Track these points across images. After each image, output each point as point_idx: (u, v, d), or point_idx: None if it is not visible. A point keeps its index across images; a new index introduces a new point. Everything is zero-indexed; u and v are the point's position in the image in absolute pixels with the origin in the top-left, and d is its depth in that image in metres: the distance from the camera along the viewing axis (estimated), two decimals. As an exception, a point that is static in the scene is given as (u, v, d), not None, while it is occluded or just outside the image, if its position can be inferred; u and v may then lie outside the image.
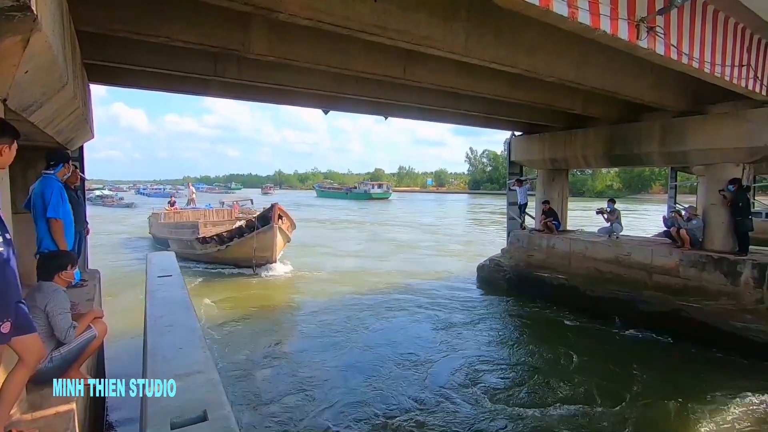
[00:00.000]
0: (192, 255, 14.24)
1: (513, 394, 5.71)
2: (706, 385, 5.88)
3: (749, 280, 7.07)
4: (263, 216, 12.69)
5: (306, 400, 5.45)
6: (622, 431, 4.80)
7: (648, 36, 4.29)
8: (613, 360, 6.83)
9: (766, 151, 7.21)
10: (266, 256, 12.65)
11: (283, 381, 6.03)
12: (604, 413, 5.17)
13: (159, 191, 74.50)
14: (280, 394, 5.63)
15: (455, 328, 8.28)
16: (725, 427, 4.88)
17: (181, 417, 2.30)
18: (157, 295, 4.93)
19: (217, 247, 13.21)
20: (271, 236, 12.51)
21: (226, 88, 6.83)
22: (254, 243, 12.34)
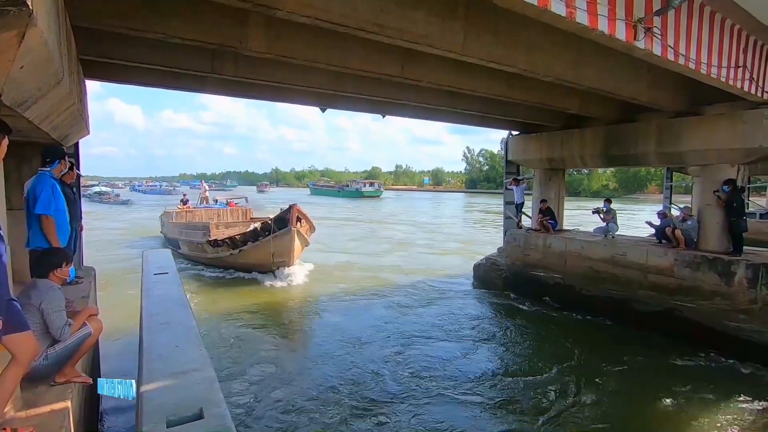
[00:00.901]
0: (203, 258, 13.45)
1: (504, 389, 5.77)
2: (698, 384, 5.92)
3: (743, 281, 7.12)
4: (280, 218, 11.53)
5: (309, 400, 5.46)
6: (613, 429, 4.83)
7: (645, 37, 4.30)
8: (604, 358, 6.86)
9: (761, 152, 7.26)
10: (283, 261, 11.68)
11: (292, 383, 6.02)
12: (595, 410, 5.20)
13: (155, 188, 74.28)
14: (283, 391, 5.63)
15: (451, 326, 8.29)
16: (714, 427, 4.92)
17: (177, 415, 2.30)
18: (153, 292, 4.92)
19: (229, 251, 12.20)
20: (289, 240, 11.39)
21: (223, 85, 6.81)
22: (271, 248, 11.45)
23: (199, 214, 17.91)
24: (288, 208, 11.39)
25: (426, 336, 7.81)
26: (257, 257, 11.70)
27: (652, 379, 6.09)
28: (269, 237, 11.34)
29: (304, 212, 11.86)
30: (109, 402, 5.07)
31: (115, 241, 18.72)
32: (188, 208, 19.23)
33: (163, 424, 2.23)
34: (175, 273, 5.97)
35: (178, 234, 15.19)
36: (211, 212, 18.23)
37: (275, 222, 11.51)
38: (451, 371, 6.33)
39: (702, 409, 5.27)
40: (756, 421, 5.07)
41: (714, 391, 5.70)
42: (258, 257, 11.69)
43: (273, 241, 11.37)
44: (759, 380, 6.07)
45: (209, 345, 5.30)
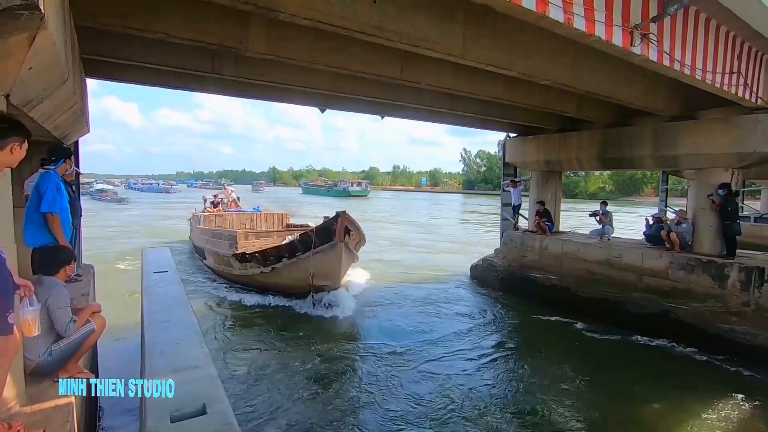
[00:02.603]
0: (229, 275, 11.04)
1: (495, 388, 5.85)
2: (690, 386, 6.00)
3: (736, 283, 7.22)
4: (324, 229, 8.88)
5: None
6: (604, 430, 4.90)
7: (642, 43, 4.38)
8: (598, 359, 6.95)
9: (754, 157, 7.36)
10: (327, 284, 9.06)
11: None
12: (586, 411, 5.26)
13: (151, 186, 74.00)
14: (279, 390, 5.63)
15: (445, 325, 8.35)
16: (705, 427, 5.00)
17: (180, 410, 2.35)
18: (154, 291, 4.96)
19: (259, 268, 9.70)
20: (335, 258, 8.75)
21: (223, 84, 6.84)
22: (311, 267, 8.81)
23: (230, 219, 15.75)
24: (334, 217, 8.69)
25: (414, 333, 7.93)
26: (293, 278, 9.24)
27: (645, 380, 6.16)
28: (309, 253, 8.79)
29: (355, 221, 9.15)
30: (107, 398, 5.09)
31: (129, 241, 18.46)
32: (219, 211, 16.85)
33: (166, 419, 2.27)
34: (175, 271, 6.00)
35: (205, 242, 12.80)
36: (243, 217, 15.99)
37: (317, 234, 8.87)
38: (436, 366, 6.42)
39: (693, 409, 5.34)
40: (746, 420, 5.15)
41: (706, 391, 5.79)
42: (294, 278, 9.22)
43: (313, 258, 8.77)
44: (751, 381, 6.15)
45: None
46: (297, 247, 9.14)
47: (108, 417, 4.90)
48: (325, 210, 33.05)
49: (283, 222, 15.98)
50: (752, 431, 4.96)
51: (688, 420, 5.15)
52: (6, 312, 1.71)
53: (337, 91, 6.83)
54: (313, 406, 5.32)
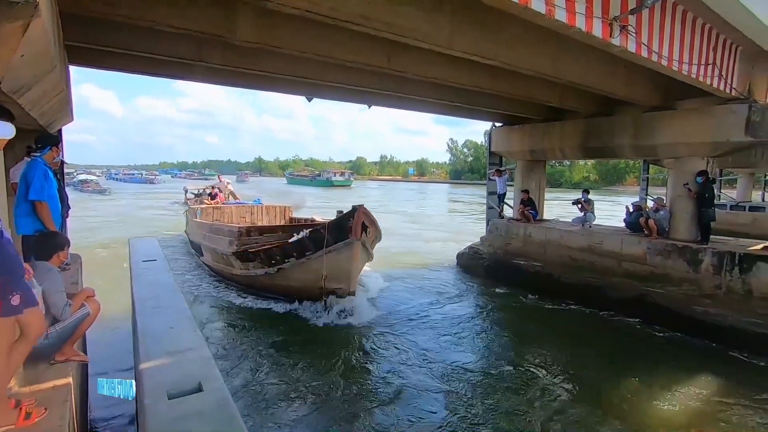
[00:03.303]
0: (229, 274, 9.98)
1: (479, 369, 6.07)
2: (664, 366, 6.30)
3: (709, 268, 7.54)
4: (338, 225, 7.81)
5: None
6: (584, 407, 5.14)
7: (621, 34, 4.52)
8: (579, 341, 7.21)
9: (728, 146, 7.65)
10: (340, 287, 7.97)
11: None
12: (565, 389, 5.51)
13: (134, 177, 72.54)
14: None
15: (433, 312, 8.54)
16: (678, 405, 5.29)
17: (177, 389, 2.44)
18: (143, 278, 5.01)
19: (264, 268, 8.68)
20: (351, 258, 7.74)
21: (210, 73, 6.80)
22: (323, 268, 7.79)
23: (229, 212, 14.65)
24: (350, 211, 7.69)
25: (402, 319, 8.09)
26: (302, 280, 8.25)
27: (623, 360, 6.45)
28: (320, 252, 7.77)
29: (372, 216, 8.14)
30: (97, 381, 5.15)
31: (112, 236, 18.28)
32: (216, 204, 15.67)
33: (164, 396, 2.36)
34: (164, 260, 6.03)
35: (201, 237, 11.59)
36: (243, 210, 14.91)
37: (330, 230, 7.78)
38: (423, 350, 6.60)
39: (666, 384, 5.63)
40: (715, 393, 5.48)
41: (679, 369, 6.10)
42: (303, 280, 8.23)
43: (326, 258, 7.76)
44: (722, 360, 6.49)
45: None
46: (307, 245, 7.98)
47: (101, 397, 4.95)
48: (309, 200, 32.57)
49: (285, 215, 14.90)
50: (719, 404, 5.25)
51: (661, 393, 5.45)
52: (12, 293, 1.77)
53: (325, 79, 6.86)
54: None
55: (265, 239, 9.44)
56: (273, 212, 15.06)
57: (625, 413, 5.03)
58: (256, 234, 9.70)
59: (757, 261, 6.99)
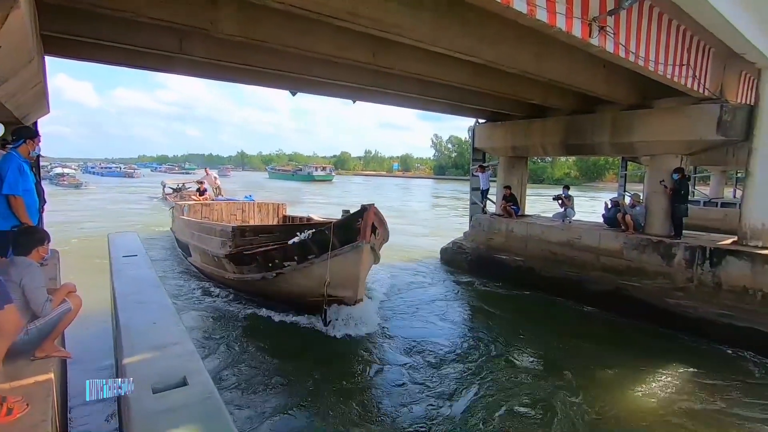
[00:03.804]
0: (220, 278, 9.10)
1: (461, 359, 6.21)
2: (638, 355, 6.54)
3: (682, 262, 7.82)
4: (345, 226, 7.00)
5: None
6: (560, 395, 5.31)
7: (599, 35, 4.64)
8: (558, 332, 7.41)
9: (700, 144, 7.92)
10: (347, 294, 7.15)
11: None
12: (546, 378, 5.68)
13: (111, 170, 70.55)
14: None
15: (416, 305, 8.64)
16: (651, 392, 5.51)
17: (161, 383, 2.46)
18: (124, 274, 4.96)
19: (261, 272, 7.88)
20: (358, 262, 6.92)
21: (191, 65, 6.69)
22: (326, 274, 6.86)
23: (218, 210, 13.70)
24: (359, 211, 6.90)
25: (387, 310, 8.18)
26: (303, 286, 7.43)
27: (600, 350, 6.67)
28: (325, 256, 6.92)
29: (382, 216, 7.39)
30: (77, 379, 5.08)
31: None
32: (204, 200, 14.79)
33: (148, 391, 2.37)
34: (145, 255, 5.97)
35: (190, 237, 10.67)
36: (234, 207, 13.94)
37: (335, 231, 6.90)
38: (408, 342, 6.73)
39: (641, 375, 5.86)
40: (686, 381, 5.74)
41: (653, 359, 6.34)
42: (304, 286, 7.42)
43: (331, 262, 6.86)
44: (692, 349, 6.77)
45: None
46: (309, 247, 7.16)
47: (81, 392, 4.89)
48: (291, 194, 31.96)
49: (279, 213, 14.02)
50: (689, 391, 5.50)
51: (635, 381, 5.68)
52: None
53: (309, 74, 6.83)
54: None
55: (261, 240, 8.69)
56: (266, 209, 14.16)
57: (601, 399, 5.22)
58: (252, 234, 8.87)
59: (726, 255, 7.29)
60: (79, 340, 5.92)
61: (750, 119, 7.49)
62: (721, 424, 4.80)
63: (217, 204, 13.91)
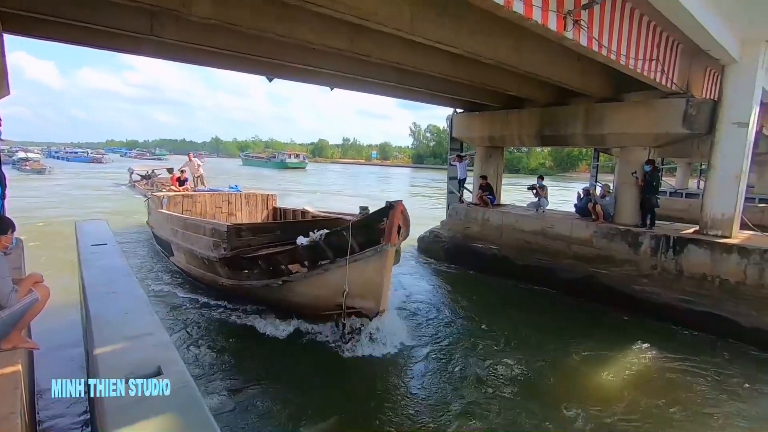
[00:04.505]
0: (212, 283, 7.97)
1: (434, 341, 6.43)
2: (606, 339, 6.85)
3: (647, 250, 8.17)
4: (366, 225, 5.95)
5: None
6: (530, 377, 5.53)
7: (574, 28, 4.73)
8: (531, 319, 7.66)
9: (667, 137, 8.23)
10: (366, 305, 6.06)
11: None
12: (519, 360, 5.90)
13: (77, 155, 67.42)
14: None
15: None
16: (618, 372, 5.81)
17: (135, 374, 2.43)
18: (93, 263, 4.83)
19: (263, 279, 6.88)
20: (382, 268, 5.89)
21: (162, 48, 6.45)
22: (345, 282, 5.94)
23: (201, 202, 12.09)
24: (383, 209, 5.86)
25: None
26: (314, 295, 6.45)
27: (570, 334, 6.94)
28: (342, 261, 5.95)
29: (407, 214, 6.39)
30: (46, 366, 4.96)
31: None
32: (185, 190, 13.20)
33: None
34: (115, 243, 5.82)
35: (172, 233, 9.40)
36: (219, 199, 12.38)
37: (355, 231, 5.89)
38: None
39: (609, 357, 6.16)
40: (649, 361, 6.10)
41: (620, 343, 6.66)
42: (316, 296, 6.43)
43: (349, 268, 5.92)
44: (656, 332, 7.13)
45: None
46: (323, 251, 6.15)
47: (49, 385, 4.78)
48: (265, 182, 31.29)
49: (268, 204, 12.75)
50: (653, 370, 5.83)
51: (603, 362, 5.98)
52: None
53: (286, 60, 6.70)
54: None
55: (259, 241, 7.59)
56: (254, 201, 12.80)
57: (572, 378, 5.49)
58: (249, 234, 7.54)
59: (688, 244, 7.65)
60: (47, 331, 5.75)
61: (713, 114, 7.82)
62: (682, 398, 5.14)
63: (200, 195, 12.42)
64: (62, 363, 5.24)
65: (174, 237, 9.24)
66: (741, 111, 7.43)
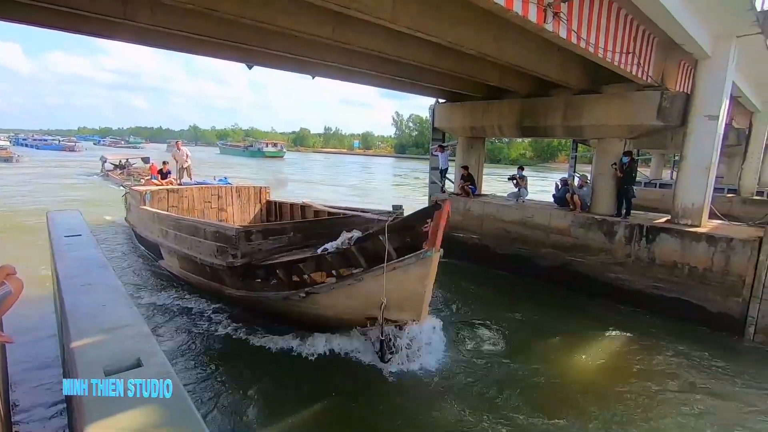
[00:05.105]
0: (217, 293, 7.19)
1: None
2: (582, 324, 7.10)
3: (622, 239, 8.42)
4: (406, 227, 5.29)
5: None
6: (515, 359, 5.70)
7: (553, 20, 4.79)
8: (512, 305, 7.86)
9: (642, 129, 8.45)
10: (407, 317, 5.41)
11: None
12: (500, 345, 6.07)
13: (47, 143, 64.62)
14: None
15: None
16: (592, 355, 6.03)
17: (114, 366, 2.40)
18: (67, 255, 4.71)
19: (282, 290, 6.10)
20: (424, 277, 5.19)
21: (137, 32, 6.23)
22: (382, 291, 5.21)
23: (189, 196, 10.97)
24: (428, 208, 5.17)
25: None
26: (344, 308, 5.73)
27: (547, 320, 7.15)
28: (378, 269, 5.24)
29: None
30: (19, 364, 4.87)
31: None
32: (169, 183, 12.13)
33: (100, 374, 2.31)
34: (89, 234, 5.67)
35: (161, 234, 8.48)
36: (208, 193, 11.30)
37: (391, 234, 5.14)
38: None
39: (584, 341, 6.40)
40: (621, 344, 6.40)
41: (595, 328, 6.92)
42: (347, 308, 5.71)
43: (388, 276, 5.16)
44: (629, 318, 7.41)
45: None
46: (354, 257, 5.47)
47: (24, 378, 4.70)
48: (244, 170, 30.82)
49: (261, 198, 11.83)
50: (626, 353, 6.09)
51: (578, 347, 6.23)
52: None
53: (266, 47, 6.58)
54: None
55: (270, 244, 6.55)
56: (246, 194, 11.80)
57: (548, 361, 5.71)
58: (260, 237, 6.50)
59: (660, 232, 7.92)
60: (20, 324, 5.62)
61: (686, 106, 8.05)
62: (652, 377, 5.46)
63: (187, 190, 11.25)
64: (36, 356, 5.14)
65: (164, 239, 8.30)
66: (712, 104, 7.67)
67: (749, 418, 4.75)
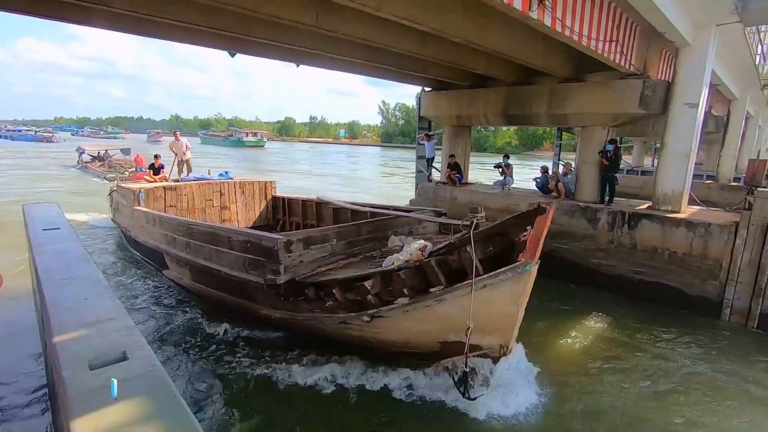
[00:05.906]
0: (250, 312, 6.09)
1: None
2: (565, 310, 7.25)
3: (605, 225, 8.57)
4: (498, 234, 4.49)
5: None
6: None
7: (538, 8, 4.79)
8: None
9: (625, 117, 8.56)
10: (494, 342, 4.52)
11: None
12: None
13: (21, 133, 62.35)
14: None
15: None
16: (577, 339, 6.18)
17: (99, 359, 2.38)
18: (47, 248, 4.62)
19: (340, 312, 5.12)
20: (518, 296, 4.26)
21: (113, 18, 6.02)
22: (468, 314, 4.14)
23: (188, 194, 9.94)
24: (527, 213, 4.25)
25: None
26: (415, 332, 4.80)
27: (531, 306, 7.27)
28: (463, 287, 4.30)
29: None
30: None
31: None
32: (163, 178, 10.87)
33: (84, 368, 2.29)
34: (68, 227, 5.57)
35: (165, 241, 7.30)
36: (209, 190, 10.27)
37: (478, 243, 4.29)
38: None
39: (568, 327, 6.55)
40: (603, 328, 6.58)
41: (578, 313, 7.08)
42: (416, 332, 4.80)
43: (476, 295, 4.18)
44: (611, 302, 7.59)
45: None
46: (433, 273, 4.54)
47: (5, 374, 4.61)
48: (225, 161, 30.28)
49: (267, 194, 10.88)
50: (608, 337, 6.26)
51: (563, 331, 6.39)
52: None
53: (249, 35, 6.44)
54: None
55: (314, 255, 5.44)
56: (250, 190, 10.78)
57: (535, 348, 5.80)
58: (300, 247, 5.33)
59: (641, 219, 8.08)
60: (0, 319, 5.52)
61: (667, 95, 8.17)
62: (632, 357, 5.65)
63: (186, 186, 10.11)
64: (16, 351, 5.04)
65: (170, 246, 7.11)
66: (692, 92, 7.79)
67: (723, 380, 5.11)
